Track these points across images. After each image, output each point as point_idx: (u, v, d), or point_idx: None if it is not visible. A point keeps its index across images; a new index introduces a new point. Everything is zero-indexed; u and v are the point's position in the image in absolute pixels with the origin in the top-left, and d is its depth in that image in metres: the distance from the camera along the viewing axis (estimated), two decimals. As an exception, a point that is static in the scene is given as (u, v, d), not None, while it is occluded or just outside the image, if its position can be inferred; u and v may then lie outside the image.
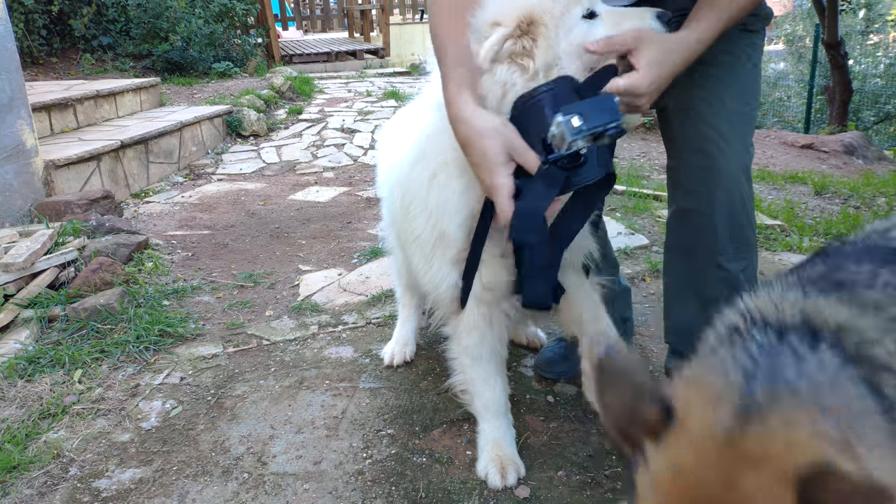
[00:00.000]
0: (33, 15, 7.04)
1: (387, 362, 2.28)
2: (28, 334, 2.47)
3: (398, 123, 2.04)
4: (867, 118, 11.29)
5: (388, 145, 1.98)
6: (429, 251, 1.58)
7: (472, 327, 1.63)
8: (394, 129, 2.03)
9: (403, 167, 1.64)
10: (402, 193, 1.64)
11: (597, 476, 1.72)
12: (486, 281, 1.54)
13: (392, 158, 1.84)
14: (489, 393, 1.71)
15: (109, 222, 3.39)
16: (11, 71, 3.42)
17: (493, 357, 1.69)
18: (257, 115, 6.24)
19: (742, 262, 1.56)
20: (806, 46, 14.69)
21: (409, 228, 1.63)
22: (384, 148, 2.06)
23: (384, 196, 2.01)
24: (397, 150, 1.79)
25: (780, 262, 3.06)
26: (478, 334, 1.64)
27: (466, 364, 1.70)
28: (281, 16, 12.31)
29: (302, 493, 1.69)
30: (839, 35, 9.52)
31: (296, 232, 3.78)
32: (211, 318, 2.70)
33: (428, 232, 1.55)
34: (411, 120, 1.81)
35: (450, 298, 1.61)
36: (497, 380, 1.72)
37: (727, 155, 1.49)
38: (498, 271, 1.52)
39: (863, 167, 6.64)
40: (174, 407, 2.09)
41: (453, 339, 1.71)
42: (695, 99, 1.51)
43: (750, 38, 1.53)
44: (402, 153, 1.69)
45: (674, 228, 1.65)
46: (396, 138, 1.88)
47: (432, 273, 1.59)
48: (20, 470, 1.80)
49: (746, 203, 1.54)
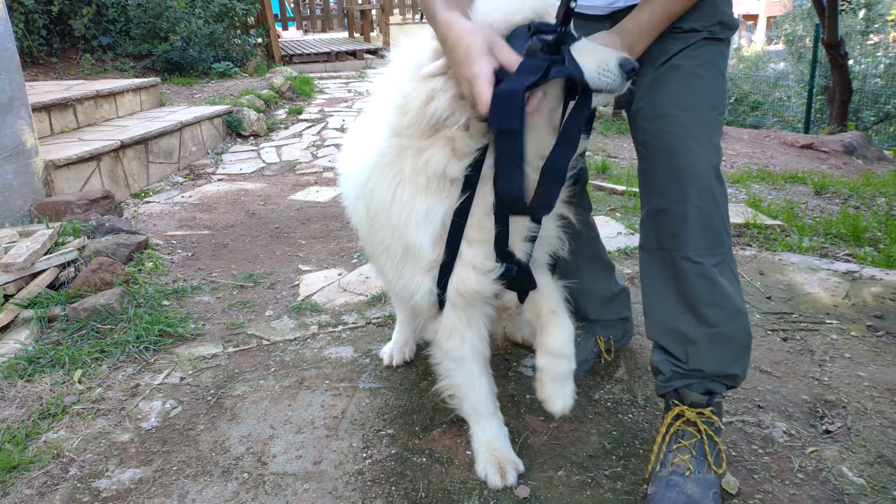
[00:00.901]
0: (33, 15, 7.04)
1: (386, 362, 2.29)
2: (28, 334, 2.47)
3: (358, 131, 1.96)
4: (867, 118, 11.30)
5: (350, 154, 1.88)
6: (398, 261, 1.57)
7: (451, 331, 1.63)
8: (355, 136, 1.95)
9: (363, 179, 1.60)
10: (367, 205, 1.61)
11: (597, 476, 1.72)
12: (460, 289, 1.54)
13: (352, 168, 1.78)
14: (475, 395, 1.71)
15: (109, 222, 3.39)
16: (11, 71, 3.42)
17: (476, 358, 1.68)
18: (257, 115, 6.25)
19: (716, 258, 1.58)
20: (806, 46, 14.70)
21: (375, 240, 1.62)
22: (346, 157, 1.95)
23: (348, 205, 1.92)
24: (357, 159, 1.72)
25: (780, 262, 3.07)
26: (458, 337, 1.63)
27: (451, 368, 1.70)
28: (281, 16, 12.31)
29: (302, 493, 1.69)
30: (839, 35, 9.52)
31: (296, 232, 3.78)
32: (211, 318, 2.70)
33: (395, 243, 1.54)
34: (370, 127, 1.75)
35: (426, 305, 1.61)
36: (482, 380, 1.71)
37: (698, 154, 1.53)
38: (474, 277, 1.52)
39: (863, 167, 6.64)
40: (174, 407, 2.09)
41: (434, 343, 1.71)
42: (667, 103, 1.56)
43: (717, 47, 1.59)
44: (360, 164, 1.64)
45: (649, 227, 1.68)
46: (357, 146, 1.81)
47: (404, 282, 1.59)
48: (20, 470, 1.80)
49: (719, 202, 1.57)
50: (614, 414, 1.98)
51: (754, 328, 2.47)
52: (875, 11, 15.14)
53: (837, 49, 9.52)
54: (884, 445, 1.80)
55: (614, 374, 2.20)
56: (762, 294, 2.75)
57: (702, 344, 1.61)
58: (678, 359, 1.66)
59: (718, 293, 1.58)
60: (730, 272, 1.61)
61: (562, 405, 1.63)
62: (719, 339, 1.60)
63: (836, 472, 1.70)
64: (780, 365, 2.22)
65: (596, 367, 2.22)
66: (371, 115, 1.72)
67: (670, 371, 1.68)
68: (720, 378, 1.65)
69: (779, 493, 1.64)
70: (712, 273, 1.57)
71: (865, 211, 4.14)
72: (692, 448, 1.61)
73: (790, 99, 12.94)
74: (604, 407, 2.02)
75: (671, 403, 1.70)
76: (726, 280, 1.59)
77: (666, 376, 1.69)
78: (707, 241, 1.56)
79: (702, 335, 1.60)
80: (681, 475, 1.57)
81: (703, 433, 1.63)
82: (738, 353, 1.64)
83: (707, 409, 1.66)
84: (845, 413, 1.95)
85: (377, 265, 1.87)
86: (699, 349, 1.61)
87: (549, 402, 1.63)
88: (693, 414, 1.65)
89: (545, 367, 1.63)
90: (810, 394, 2.05)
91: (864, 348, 2.31)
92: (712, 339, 1.60)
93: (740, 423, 1.92)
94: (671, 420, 1.67)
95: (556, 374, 1.63)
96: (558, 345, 1.63)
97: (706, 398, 1.66)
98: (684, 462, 1.59)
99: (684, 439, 1.63)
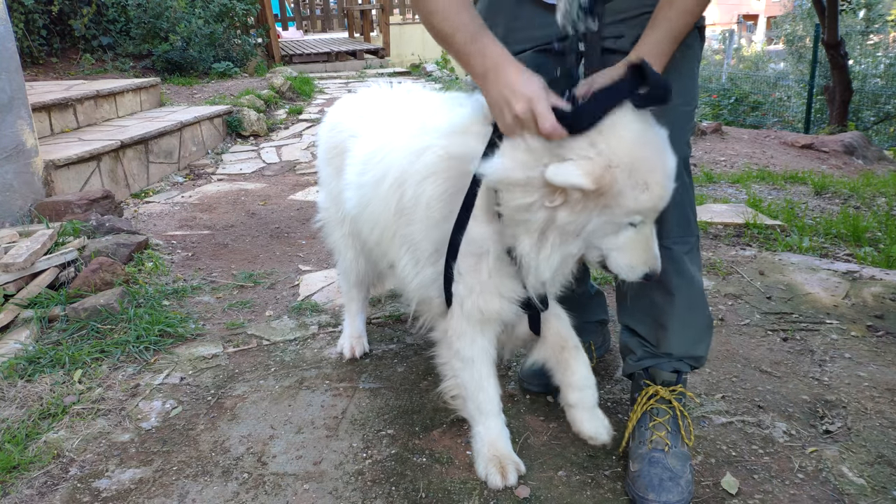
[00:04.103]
0: (33, 15, 7.04)
1: (348, 356, 2.31)
2: (28, 334, 2.47)
3: (363, 115, 1.98)
4: (867, 118, 11.29)
5: (365, 140, 1.87)
6: (423, 258, 1.61)
7: (462, 332, 1.66)
8: (356, 118, 1.98)
9: (408, 173, 1.60)
10: (400, 198, 1.62)
11: (597, 476, 1.72)
12: (482, 307, 1.59)
13: (380, 154, 1.76)
14: (482, 395, 1.72)
15: (109, 222, 3.39)
16: (11, 71, 3.42)
17: (486, 359, 1.71)
18: (257, 115, 6.25)
19: (686, 246, 1.70)
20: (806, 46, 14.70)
21: (394, 231, 1.65)
22: (357, 145, 1.92)
23: (349, 197, 1.92)
24: (391, 146, 1.71)
25: (780, 262, 3.07)
26: (468, 338, 1.67)
27: (458, 368, 1.71)
28: (281, 16, 12.31)
29: (302, 494, 1.69)
30: (839, 35, 9.52)
31: (296, 232, 3.78)
32: (211, 318, 2.70)
33: (425, 243, 1.58)
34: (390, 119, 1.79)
35: (440, 303, 1.65)
36: (490, 381, 1.73)
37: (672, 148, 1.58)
38: (499, 302, 1.58)
39: (863, 167, 6.64)
40: (174, 407, 2.09)
41: (443, 343, 1.73)
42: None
43: (691, 46, 1.63)
44: (402, 156, 1.64)
45: None
46: (370, 135, 1.83)
47: (421, 278, 1.63)
48: (20, 470, 1.80)
49: (689, 191, 1.69)
50: (614, 414, 1.98)
51: (754, 328, 2.48)
52: (875, 11, 15.14)
53: (837, 49, 9.51)
54: (884, 445, 1.80)
55: (614, 374, 2.20)
56: (762, 294, 2.75)
57: (671, 328, 1.72)
58: (649, 342, 1.77)
59: (687, 279, 1.70)
60: (697, 259, 1.74)
61: (606, 434, 1.75)
62: (687, 323, 1.73)
63: (836, 472, 1.70)
64: (780, 365, 2.22)
65: (596, 368, 2.22)
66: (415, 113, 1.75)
67: (642, 352, 1.79)
68: (686, 359, 1.77)
69: (779, 493, 1.64)
70: (682, 260, 1.69)
71: (865, 211, 4.14)
72: (667, 424, 1.71)
73: (790, 99, 12.93)
74: (604, 407, 2.01)
75: (643, 383, 1.80)
76: (694, 266, 1.72)
77: (637, 356, 1.80)
78: (680, 229, 1.68)
79: (671, 319, 1.72)
80: (661, 451, 1.66)
81: (676, 409, 1.74)
82: (702, 335, 1.78)
83: (678, 387, 1.77)
84: (845, 413, 1.95)
85: (366, 257, 2.03)
86: (668, 334, 1.73)
87: (596, 437, 1.74)
88: (667, 392, 1.75)
89: (577, 402, 1.74)
90: (810, 394, 2.05)
91: (864, 348, 2.31)
92: (681, 323, 1.72)
93: (740, 423, 1.92)
94: (645, 399, 1.76)
95: (589, 404, 1.75)
96: (583, 377, 1.74)
97: (675, 376, 1.77)
98: (661, 438, 1.68)
99: (659, 416, 1.73)
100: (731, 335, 2.42)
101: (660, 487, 1.58)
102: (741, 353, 2.30)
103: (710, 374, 2.17)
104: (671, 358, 1.76)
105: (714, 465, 1.75)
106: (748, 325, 2.51)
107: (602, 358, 2.29)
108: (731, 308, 2.64)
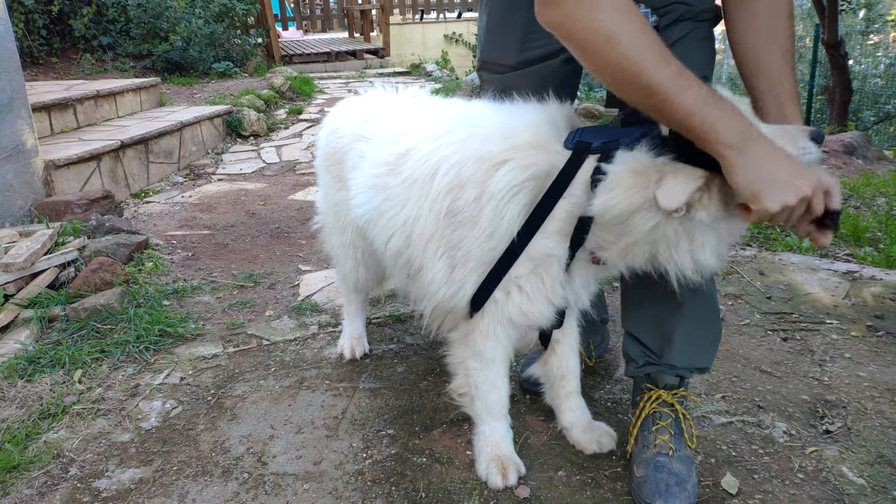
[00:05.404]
0: (33, 15, 7.04)
1: (348, 357, 2.32)
2: (28, 334, 2.47)
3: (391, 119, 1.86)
4: (867, 118, 11.29)
5: (412, 146, 1.70)
6: (470, 266, 1.55)
7: (488, 334, 1.64)
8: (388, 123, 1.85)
9: (469, 183, 1.51)
10: (451, 202, 1.54)
11: (597, 476, 1.72)
12: (514, 318, 1.59)
13: (427, 162, 1.63)
14: (495, 395, 1.72)
15: (109, 222, 3.39)
16: (11, 71, 3.42)
17: (505, 361, 1.71)
18: (257, 115, 6.24)
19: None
20: (806, 46, 14.68)
21: (440, 237, 1.57)
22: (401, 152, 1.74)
23: (361, 202, 1.81)
24: (427, 156, 1.61)
25: (780, 262, 3.07)
26: (493, 339, 1.65)
27: (474, 367, 1.70)
28: (281, 16, 12.31)
29: (302, 493, 1.69)
30: (839, 35, 9.51)
31: (296, 232, 3.78)
32: (211, 318, 2.70)
33: (478, 248, 1.53)
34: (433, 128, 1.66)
35: (464, 305, 1.61)
36: (504, 382, 1.73)
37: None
38: (546, 305, 1.57)
39: (863, 167, 6.64)
40: (174, 407, 2.09)
41: (461, 342, 1.71)
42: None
43: (710, 28, 1.61)
44: (458, 165, 1.54)
45: None
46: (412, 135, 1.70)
47: (457, 285, 1.58)
48: (20, 470, 1.80)
49: None
50: (614, 414, 1.98)
51: (754, 328, 2.48)
52: (875, 11, 15.13)
53: (837, 49, 9.50)
54: (884, 445, 1.80)
55: (614, 374, 2.20)
56: (762, 294, 2.75)
57: (676, 343, 1.69)
58: (653, 352, 1.74)
59: (700, 294, 1.65)
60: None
61: (610, 442, 1.81)
62: (693, 339, 1.70)
63: (836, 472, 1.70)
64: (780, 365, 2.22)
65: (596, 368, 2.22)
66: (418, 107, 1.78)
67: (644, 360, 1.76)
68: (691, 369, 1.75)
69: (779, 493, 1.64)
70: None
71: (865, 211, 4.14)
72: (670, 428, 1.70)
73: (790, 99, 12.91)
74: (604, 407, 2.02)
75: (644, 387, 1.78)
76: (708, 281, 1.66)
77: (639, 363, 1.78)
78: None
79: (678, 334, 1.69)
80: (665, 455, 1.65)
81: (679, 413, 1.73)
82: (709, 348, 1.75)
83: (680, 390, 1.76)
84: (845, 413, 1.95)
85: (375, 259, 1.98)
86: (673, 349, 1.70)
87: (601, 449, 1.80)
88: (669, 396, 1.74)
89: (572, 424, 1.84)
90: (810, 394, 2.05)
91: (864, 348, 2.31)
92: (687, 339, 1.69)
93: (740, 423, 1.92)
94: (647, 404, 1.75)
95: (585, 425, 1.84)
96: (578, 412, 1.86)
97: (678, 380, 1.76)
98: (665, 442, 1.67)
99: (661, 420, 1.71)
100: (731, 335, 2.43)
101: (667, 493, 1.57)
102: (741, 353, 2.30)
103: (710, 374, 2.17)
104: (674, 368, 1.74)
105: (714, 465, 1.75)
106: (748, 324, 2.51)
107: (602, 357, 2.29)
108: (731, 308, 2.64)
